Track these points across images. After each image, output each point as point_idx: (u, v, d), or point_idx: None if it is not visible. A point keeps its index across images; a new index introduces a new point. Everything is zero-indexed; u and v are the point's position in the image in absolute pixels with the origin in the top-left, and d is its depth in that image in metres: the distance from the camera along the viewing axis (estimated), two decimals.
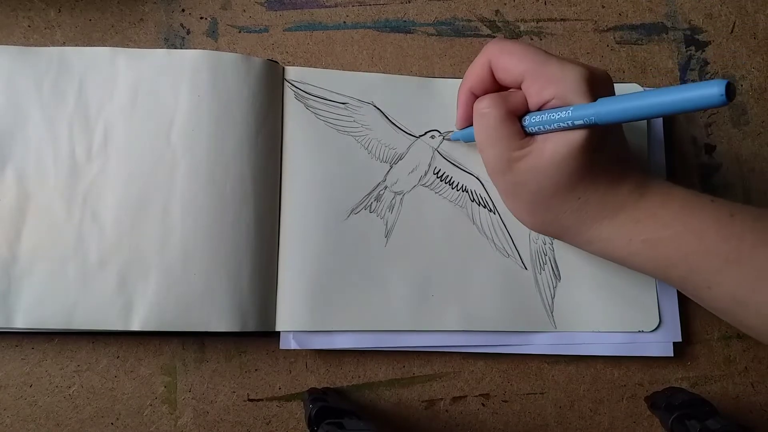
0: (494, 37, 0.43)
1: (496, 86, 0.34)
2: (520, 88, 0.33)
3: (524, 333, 0.39)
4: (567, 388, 0.41)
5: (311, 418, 0.33)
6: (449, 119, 0.41)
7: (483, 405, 0.40)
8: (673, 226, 0.31)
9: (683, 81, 0.44)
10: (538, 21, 0.44)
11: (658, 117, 0.27)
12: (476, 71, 0.34)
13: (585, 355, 0.40)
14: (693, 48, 0.45)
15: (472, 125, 0.35)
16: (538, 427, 0.40)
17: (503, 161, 0.32)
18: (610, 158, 0.32)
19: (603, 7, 0.45)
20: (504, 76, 0.33)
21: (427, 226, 0.40)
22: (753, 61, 0.45)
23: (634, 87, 0.42)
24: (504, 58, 0.32)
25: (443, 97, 0.41)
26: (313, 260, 0.38)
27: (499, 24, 0.44)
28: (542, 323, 0.39)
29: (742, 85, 0.45)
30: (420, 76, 0.42)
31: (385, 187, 0.40)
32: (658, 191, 0.32)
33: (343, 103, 0.40)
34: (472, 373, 0.40)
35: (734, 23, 0.45)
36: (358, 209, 0.39)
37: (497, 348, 0.39)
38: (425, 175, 0.40)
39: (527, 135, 0.32)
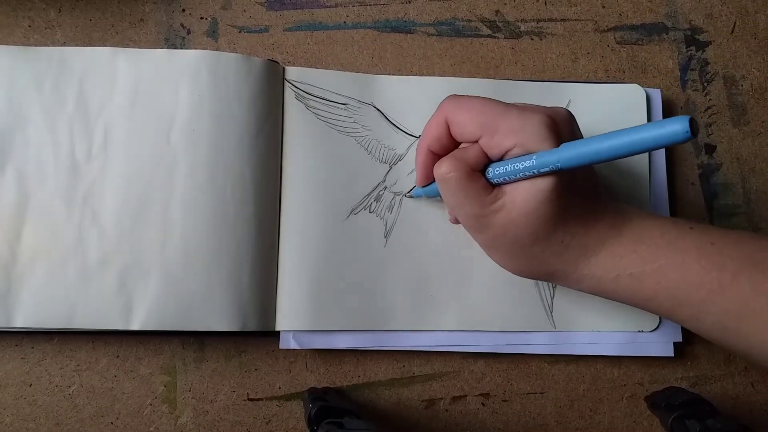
0: (495, 37, 0.43)
1: (453, 142, 0.34)
2: (476, 142, 0.32)
3: (524, 333, 0.39)
4: (567, 387, 0.41)
5: (311, 418, 0.33)
6: None
7: (483, 405, 0.40)
8: (655, 260, 0.31)
9: (683, 81, 0.44)
10: (538, 21, 0.44)
11: (623, 157, 0.27)
12: (432, 129, 0.34)
13: (585, 355, 0.40)
14: (693, 48, 0.45)
15: (432, 182, 0.35)
16: (538, 426, 0.40)
17: (476, 219, 0.32)
18: (583, 196, 0.32)
19: (603, 7, 0.45)
20: (460, 131, 0.32)
21: (426, 226, 0.40)
22: (753, 61, 0.45)
23: (635, 87, 0.42)
24: (460, 116, 0.32)
25: (443, 97, 0.41)
26: (313, 260, 0.38)
27: (499, 24, 0.44)
28: (542, 323, 0.39)
29: (742, 85, 0.45)
30: (420, 76, 0.42)
31: (385, 188, 0.40)
32: (636, 225, 0.32)
33: (343, 104, 0.40)
34: (472, 373, 0.40)
35: (735, 23, 0.45)
36: (358, 209, 0.39)
37: (497, 348, 0.39)
38: None
39: (494, 186, 0.32)
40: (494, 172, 0.31)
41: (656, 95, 0.43)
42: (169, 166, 0.37)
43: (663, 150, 0.42)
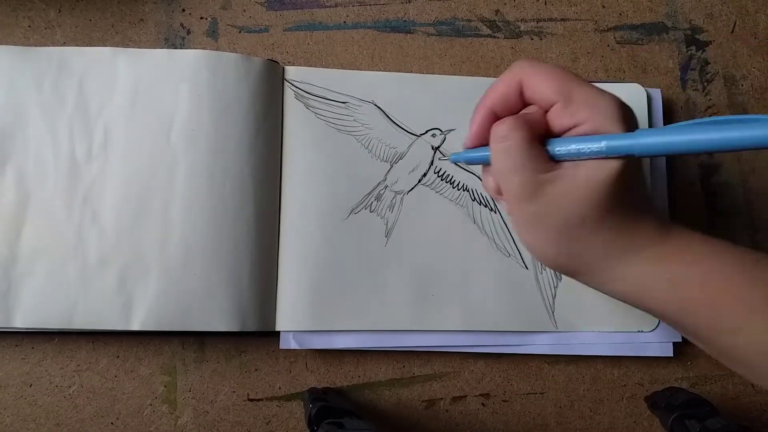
0: (495, 37, 0.43)
1: (519, 106, 0.32)
2: (545, 111, 0.31)
3: (524, 333, 0.39)
4: (567, 388, 0.41)
5: (311, 418, 0.33)
6: (450, 117, 0.41)
7: (483, 405, 0.40)
8: (698, 268, 0.30)
9: (683, 81, 0.44)
10: (538, 21, 0.44)
11: (699, 153, 0.26)
12: (502, 89, 0.32)
13: (585, 355, 0.40)
14: (693, 48, 0.45)
15: (484, 146, 0.33)
16: (538, 427, 0.40)
17: (530, 186, 0.30)
18: (638, 192, 0.31)
19: (603, 6, 0.45)
20: (535, 95, 0.31)
21: (427, 225, 0.40)
22: (753, 60, 0.45)
23: (635, 87, 0.42)
24: (537, 77, 0.30)
25: (444, 95, 0.41)
26: (313, 260, 0.38)
27: (500, 24, 0.44)
28: (543, 323, 0.39)
29: (742, 85, 0.45)
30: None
31: (386, 187, 0.40)
32: (681, 233, 0.31)
33: (343, 103, 0.40)
34: (472, 373, 0.40)
35: (735, 23, 0.45)
36: (359, 209, 0.39)
37: (497, 348, 0.39)
38: (426, 174, 0.40)
39: (551, 160, 0.30)
40: (559, 146, 0.30)
41: (656, 95, 0.43)
42: (169, 165, 0.37)
43: None
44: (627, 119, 0.29)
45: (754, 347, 0.29)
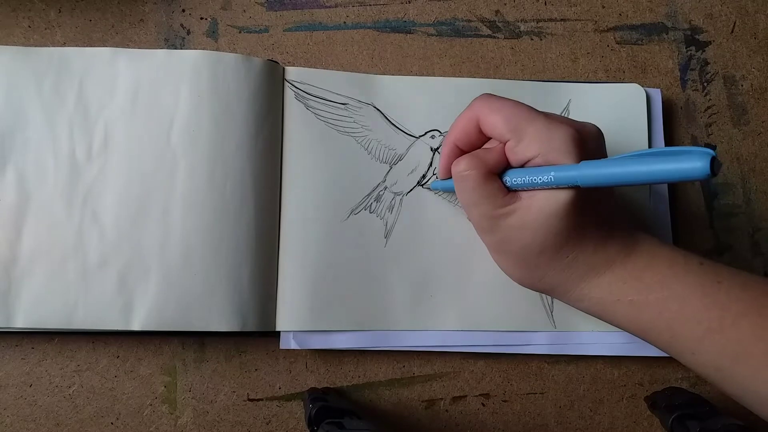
0: (495, 37, 0.43)
1: (480, 140, 0.34)
2: (502, 144, 0.32)
3: (524, 333, 0.39)
4: (567, 388, 0.41)
5: (311, 418, 0.33)
6: (449, 119, 0.41)
7: (483, 405, 0.40)
8: (658, 290, 0.31)
9: (683, 81, 0.44)
10: (538, 21, 0.44)
11: (641, 184, 0.27)
12: (462, 125, 0.34)
13: (585, 355, 0.40)
14: (693, 48, 0.45)
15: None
16: (538, 427, 0.40)
17: (488, 219, 0.32)
18: (598, 216, 0.32)
19: (603, 7, 0.45)
20: (490, 132, 0.33)
21: (426, 226, 0.40)
22: (753, 60, 0.45)
23: (635, 87, 0.42)
24: (492, 115, 0.32)
25: (443, 97, 0.41)
26: (313, 260, 0.38)
27: (499, 24, 0.44)
28: (542, 323, 0.39)
29: (742, 85, 0.45)
30: (420, 76, 0.42)
31: (385, 188, 0.40)
32: (646, 251, 0.32)
33: (343, 104, 0.40)
34: (472, 373, 0.40)
35: (734, 23, 0.45)
36: (358, 210, 0.39)
37: (497, 348, 0.39)
38: (425, 175, 0.40)
39: (510, 191, 0.32)
40: (512, 178, 0.32)
41: (656, 95, 0.43)
42: (169, 166, 0.37)
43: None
44: (579, 149, 0.30)
45: (711, 367, 0.30)
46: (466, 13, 0.44)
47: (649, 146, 0.42)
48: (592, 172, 0.28)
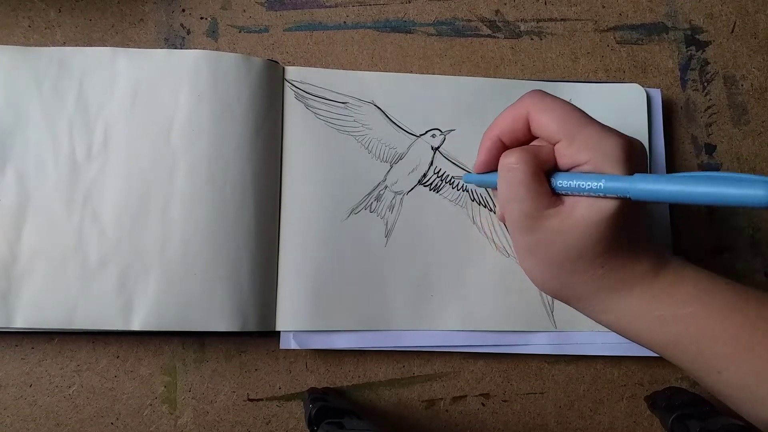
0: (495, 37, 0.43)
1: (526, 137, 0.33)
2: (551, 145, 0.32)
3: (524, 333, 0.39)
4: (567, 387, 0.41)
5: (311, 418, 0.33)
6: (450, 117, 0.41)
7: (483, 405, 0.40)
8: (687, 306, 0.30)
9: (683, 81, 0.44)
10: (538, 21, 0.44)
11: (692, 204, 0.27)
12: (509, 120, 0.33)
13: (585, 355, 0.40)
14: (693, 48, 0.45)
15: (491, 171, 0.34)
16: (538, 427, 0.40)
17: (529, 218, 0.31)
18: (635, 231, 0.32)
19: (603, 7, 0.45)
20: (540, 131, 0.32)
21: (427, 225, 0.40)
22: (753, 60, 0.45)
23: (635, 87, 0.42)
24: (544, 114, 0.31)
25: (444, 96, 0.41)
26: (313, 260, 0.38)
27: (500, 24, 0.44)
28: (542, 323, 0.39)
29: (742, 85, 0.45)
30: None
31: (386, 187, 0.40)
32: (674, 270, 0.32)
33: (343, 103, 0.40)
34: (472, 373, 0.40)
35: (735, 23, 0.45)
36: (359, 209, 0.39)
37: (497, 348, 0.39)
38: (426, 174, 0.40)
39: (554, 194, 0.31)
40: (560, 181, 0.31)
41: (656, 95, 0.43)
42: (169, 165, 0.37)
43: (663, 150, 0.42)
44: (630, 161, 0.30)
45: (736, 387, 0.30)
46: (466, 13, 0.44)
47: (649, 145, 0.42)
48: (645, 186, 0.28)
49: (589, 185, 0.30)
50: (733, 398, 0.30)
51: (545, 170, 0.32)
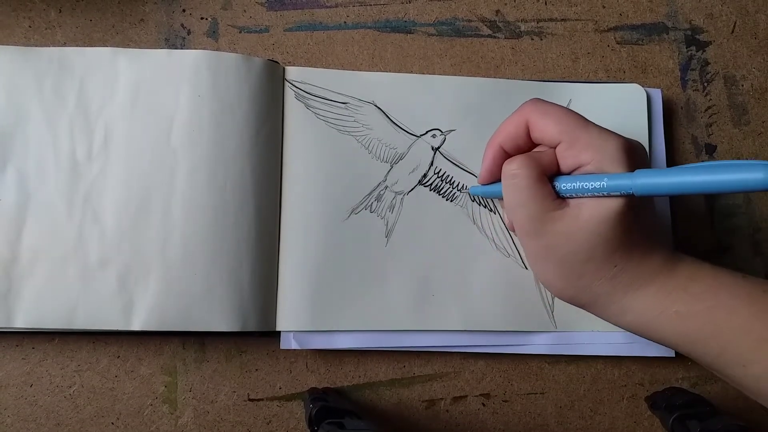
0: (495, 37, 0.43)
1: (528, 144, 0.33)
2: (552, 149, 0.32)
3: (524, 333, 0.39)
4: (567, 388, 0.41)
5: (311, 418, 0.33)
6: (450, 118, 0.41)
7: (483, 405, 0.40)
8: (704, 300, 0.30)
9: (683, 81, 0.44)
10: (538, 21, 0.44)
11: (697, 194, 0.27)
12: (510, 128, 0.33)
13: (585, 355, 0.40)
14: (694, 48, 0.45)
15: (496, 182, 0.34)
16: (538, 427, 0.40)
17: (536, 222, 0.31)
18: (643, 228, 0.32)
19: (603, 7, 0.45)
20: (540, 136, 0.32)
21: (427, 226, 0.40)
22: (754, 61, 0.45)
23: (635, 87, 0.42)
24: (543, 118, 0.32)
25: (444, 96, 0.41)
26: (314, 260, 0.38)
27: (500, 24, 0.44)
28: (543, 323, 0.39)
29: (742, 85, 0.45)
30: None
31: (386, 187, 0.40)
32: (689, 265, 0.32)
33: (343, 103, 0.40)
34: (473, 373, 0.40)
35: (735, 23, 0.45)
36: (359, 209, 0.39)
37: (497, 348, 0.39)
38: (426, 174, 0.40)
39: (559, 197, 0.32)
40: (563, 184, 0.31)
41: (656, 95, 0.43)
42: (170, 166, 0.37)
43: (663, 150, 0.42)
44: (631, 159, 0.30)
45: (764, 377, 0.29)
46: (466, 13, 0.44)
47: (649, 145, 0.42)
48: (648, 180, 0.28)
49: (592, 185, 0.30)
50: (762, 392, 0.30)
51: (548, 174, 0.32)
